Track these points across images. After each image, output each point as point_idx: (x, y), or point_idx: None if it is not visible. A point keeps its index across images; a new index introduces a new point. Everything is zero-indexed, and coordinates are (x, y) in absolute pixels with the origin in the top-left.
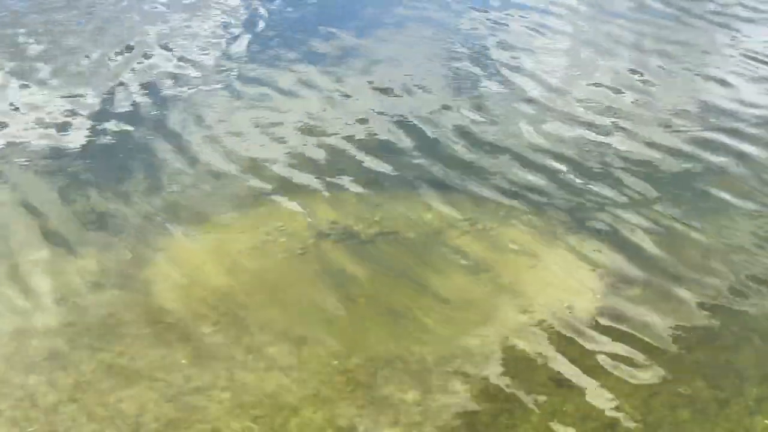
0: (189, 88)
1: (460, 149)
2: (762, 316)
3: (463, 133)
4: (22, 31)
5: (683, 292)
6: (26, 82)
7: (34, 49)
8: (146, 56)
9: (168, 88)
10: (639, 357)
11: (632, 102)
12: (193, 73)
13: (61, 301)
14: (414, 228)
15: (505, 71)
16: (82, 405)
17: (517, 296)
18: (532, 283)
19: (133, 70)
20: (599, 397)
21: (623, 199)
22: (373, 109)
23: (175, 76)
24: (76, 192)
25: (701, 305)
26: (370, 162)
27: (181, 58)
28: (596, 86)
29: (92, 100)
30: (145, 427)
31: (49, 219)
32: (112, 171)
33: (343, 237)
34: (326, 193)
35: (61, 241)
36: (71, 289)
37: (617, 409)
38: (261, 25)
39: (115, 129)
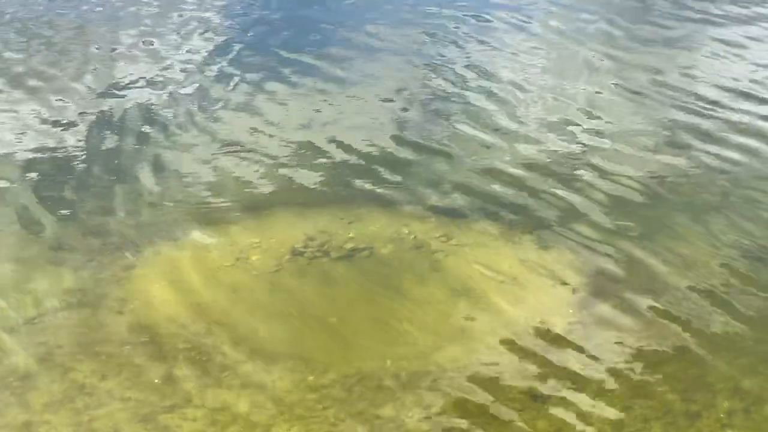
0: (166, 106)
1: (435, 166)
2: (732, 330)
3: (437, 150)
4: (6, 42)
5: (655, 307)
6: (5, 96)
7: (16, 61)
8: (126, 74)
9: (142, 107)
10: (612, 371)
11: (603, 119)
12: (171, 90)
13: (34, 320)
14: (389, 244)
15: (477, 89)
16: (54, 425)
17: (491, 312)
18: (506, 298)
19: (113, 86)
20: (573, 412)
21: (597, 216)
22: (347, 126)
23: (154, 93)
24: (49, 210)
25: (673, 319)
26: (346, 178)
27: (160, 74)
28: (569, 103)
29: (67, 116)
30: None
31: (23, 237)
32: (86, 189)
33: (317, 254)
34: (301, 210)
35: (33, 258)
36: (44, 308)
37: (591, 423)
38: (242, 41)
39: (89, 147)
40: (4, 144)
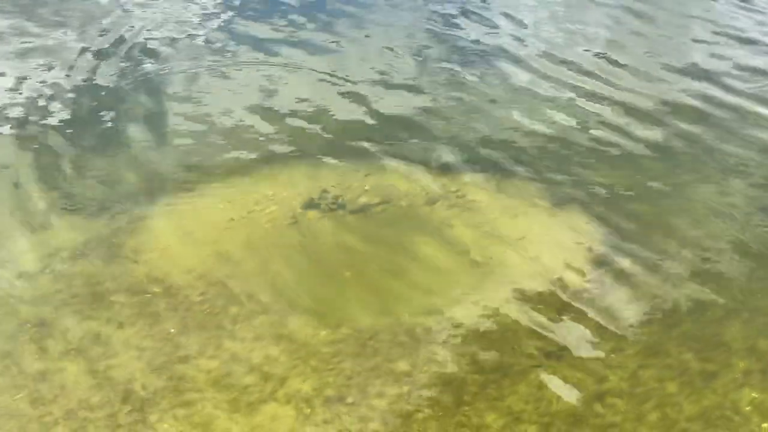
0: (173, 58)
1: (450, 123)
2: (750, 288)
3: (452, 107)
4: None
5: (671, 265)
6: (8, 53)
7: (15, 21)
8: (129, 26)
9: (152, 59)
10: (628, 329)
11: (616, 79)
12: (177, 43)
13: (49, 269)
14: (404, 199)
15: (489, 47)
16: (70, 373)
17: (507, 268)
18: (522, 255)
19: (119, 37)
20: (587, 369)
21: (612, 173)
22: (363, 81)
23: (158, 46)
24: (63, 160)
25: (689, 278)
26: (361, 132)
27: (164, 29)
28: (583, 64)
29: (77, 69)
30: (133, 396)
31: (36, 187)
32: (98, 140)
33: (332, 207)
34: (316, 163)
35: (48, 209)
36: (59, 257)
37: (605, 381)
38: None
39: (100, 98)
40: (16, 95)
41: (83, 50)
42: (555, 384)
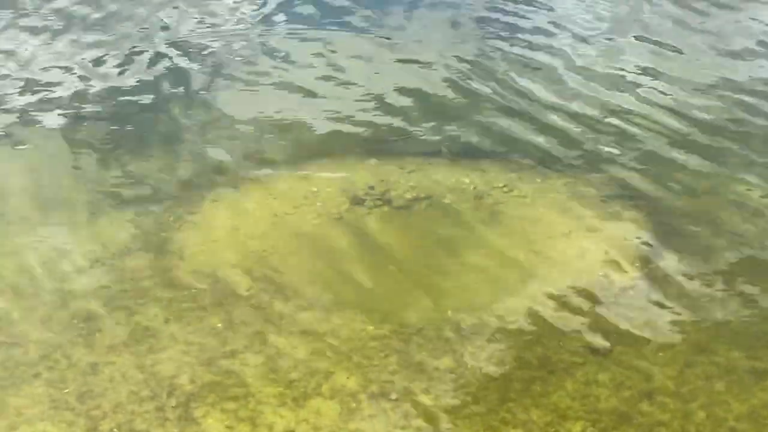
0: (221, 52)
1: (497, 118)
2: None
3: (499, 102)
4: None
5: (719, 261)
6: (56, 45)
7: (63, 11)
8: (175, 20)
9: (199, 53)
10: (675, 326)
11: (661, 73)
12: (224, 36)
13: (98, 264)
14: (449, 194)
15: (533, 43)
16: (118, 367)
17: (553, 264)
18: (568, 250)
19: (162, 33)
20: (634, 367)
21: (660, 170)
22: (408, 77)
23: (205, 40)
24: (110, 156)
25: (737, 274)
26: (407, 128)
27: (211, 21)
28: (627, 59)
29: (123, 63)
30: (180, 390)
31: (85, 183)
32: (146, 135)
33: (378, 202)
34: (361, 159)
35: (96, 204)
36: (107, 253)
37: (653, 379)
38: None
39: (148, 93)
40: (62, 91)
41: (127, 46)
42: (602, 381)
